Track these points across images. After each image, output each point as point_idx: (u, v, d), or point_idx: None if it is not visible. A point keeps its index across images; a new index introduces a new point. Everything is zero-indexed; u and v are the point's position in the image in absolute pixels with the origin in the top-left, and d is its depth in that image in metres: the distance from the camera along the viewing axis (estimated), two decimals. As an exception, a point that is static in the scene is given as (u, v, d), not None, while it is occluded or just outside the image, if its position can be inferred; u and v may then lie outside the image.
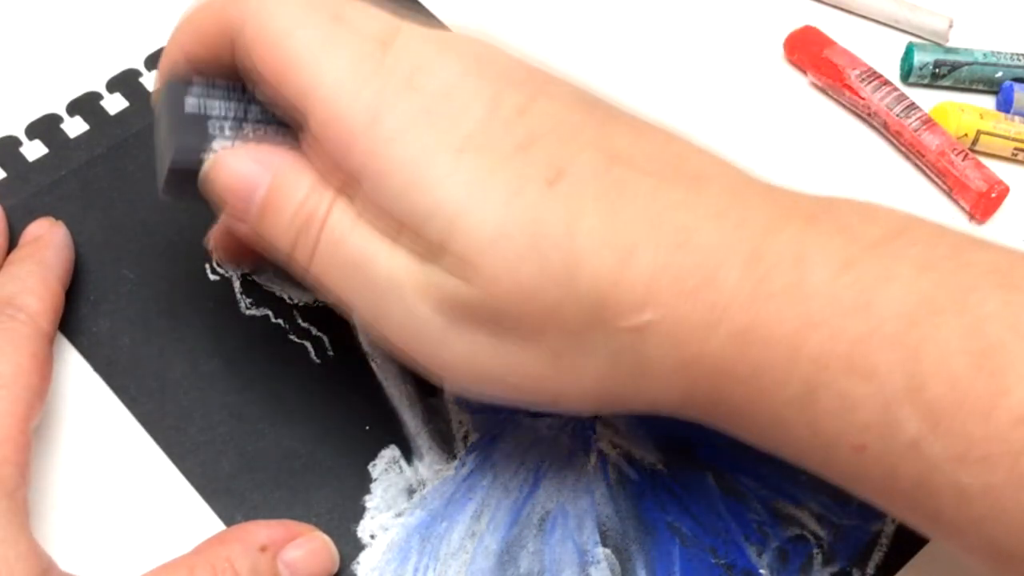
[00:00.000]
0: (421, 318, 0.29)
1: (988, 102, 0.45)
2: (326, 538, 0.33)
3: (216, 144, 0.30)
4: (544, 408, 0.31)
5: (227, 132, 0.31)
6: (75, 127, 0.40)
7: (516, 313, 0.28)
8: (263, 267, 0.38)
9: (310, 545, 0.32)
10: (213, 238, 0.36)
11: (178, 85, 0.31)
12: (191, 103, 0.31)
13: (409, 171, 0.28)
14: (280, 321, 0.37)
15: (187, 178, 0.31)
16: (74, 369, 0.36)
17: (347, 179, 0.29)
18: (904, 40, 0.46)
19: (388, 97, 0.28)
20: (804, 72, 0.45)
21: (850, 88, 0.43)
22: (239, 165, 0.30)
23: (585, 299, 0.28)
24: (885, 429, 0.26)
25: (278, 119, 0.31)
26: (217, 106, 0.31)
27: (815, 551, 0.34)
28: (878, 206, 0.29)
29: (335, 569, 0.33)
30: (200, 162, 0.30)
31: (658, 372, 0.29)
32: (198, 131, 0.31)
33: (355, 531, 0.34)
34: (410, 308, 0.29)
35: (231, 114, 0.31)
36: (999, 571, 0.27)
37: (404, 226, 0.28)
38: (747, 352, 0.27)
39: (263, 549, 0.31)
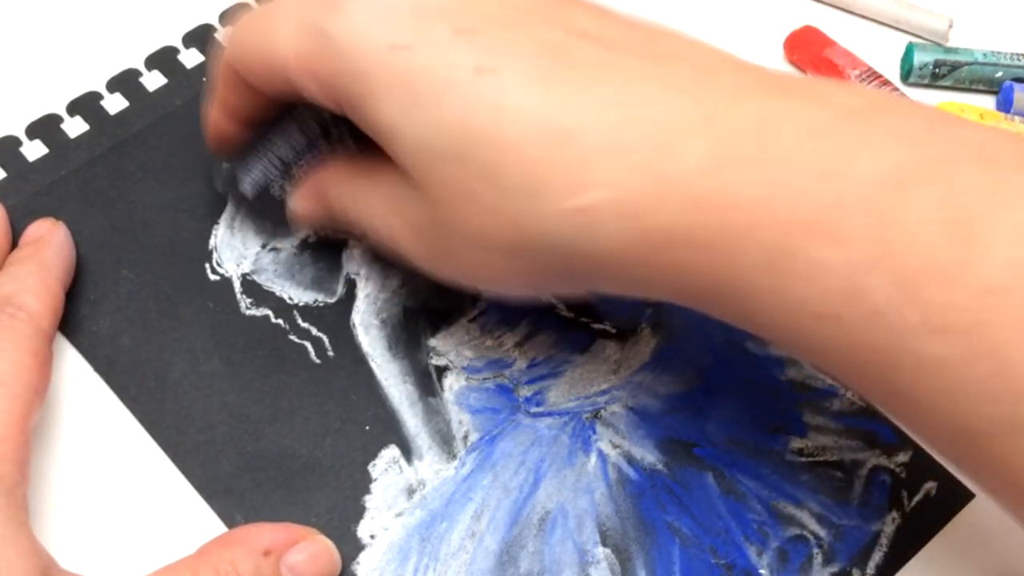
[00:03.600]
0: (386, 228, 0.32)
1: (988, 102, 0.45)
2: (328, 542, 0.33)
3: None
4: (512, 297, 0.33)
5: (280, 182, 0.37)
6: (75, 127, 0.40)
7: (456, 215, 0.29)
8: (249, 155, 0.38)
9: (312, 548, 0.32)
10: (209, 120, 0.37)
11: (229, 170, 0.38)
12: (247, 185, 0.37)
13: (354, 74, 0.29)
14: (280, 321, 0.37)
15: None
16: (74, 369, 0.36)
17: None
18: (904, 40, 0.46)
19: None
20: (804, 72, 0.45)
21: (850, 88, 0.43)
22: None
23: (518, 191, 0.28)
24: (850, 296, 0.25)
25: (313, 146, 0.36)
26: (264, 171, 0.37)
27: (815, 551, 0.34)
28: (859, 85, 0.28)
29: (337, 572, 0.33)
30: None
31: (610, 249, 0.28)
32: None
33: (355, 531, 0.34)
34: (377, 220, 0.33)
35: (277, 171, 0.37)
36: (954, 449, 0.27)
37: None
38: (706, 219, 0.26)
39: (266, 553, 0.31)
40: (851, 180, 0.25)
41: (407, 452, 0.35)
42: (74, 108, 0.41)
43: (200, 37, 0.43)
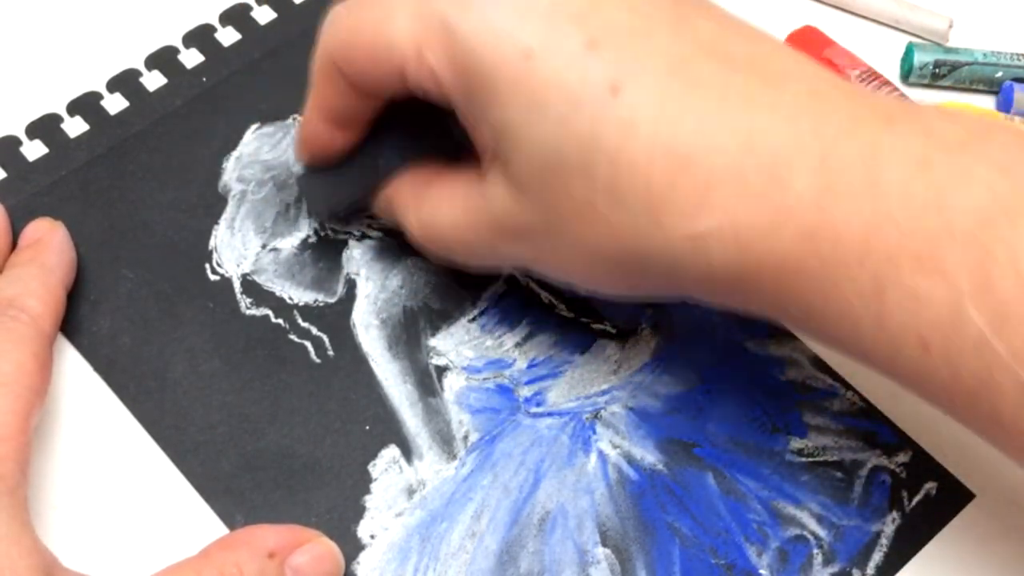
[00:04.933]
0: (474, 237, 0.33)
1: (988, 102, 0.45)
2: (332, 544, 0.33)
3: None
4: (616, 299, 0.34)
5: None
6: (75, 127, 0.40)
7: (569, 228, 0.30)
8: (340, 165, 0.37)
9: (317, 550, 0.32)
10: (302, 130, 0.36)
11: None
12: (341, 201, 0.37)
13: (481, 76, 0.29)
14: (280, 321, 0.37)
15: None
16: (74, 369, 0.36)
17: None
18: (904, 40, 0.46)
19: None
20: (804, 72, 0.45)
21: (850, 88, 0.43)
22: None
23: (639, 210, 0.28)
24: (951, 327, 0.26)
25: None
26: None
27: (815, 551, 0.34)
28: (962, 111, 0.29)
29: (341, 574, 0.33)
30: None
31: (722, 273, 0.29)
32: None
33: (355, 531, 0.34)
34: (463, 227, 0.33)
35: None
36: None
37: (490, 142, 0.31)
38: (816, 248, 0.27)
39: (271, 555, 0.31)
40: (956, 213, 0.26)
41: (407, 452, 0.35)
42: (74, 108, 0.41)
43: (200, 37, 0.43)
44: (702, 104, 0.28)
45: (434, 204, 0.34)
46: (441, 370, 0.37)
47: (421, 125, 0.34)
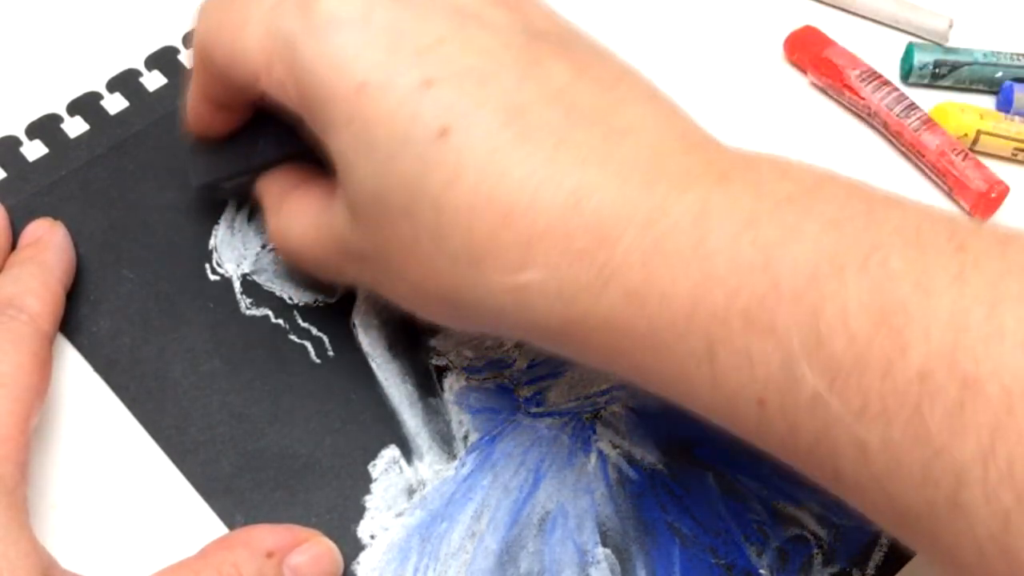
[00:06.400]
0: (321, 254, 0.33)
1: (988, 102, 0.45)
2: (330, 543, 0.33)
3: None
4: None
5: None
6: (75, 127, 0.40)
7: (397, 262, 0.30)
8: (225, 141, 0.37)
9: (315, 550, 0.32)
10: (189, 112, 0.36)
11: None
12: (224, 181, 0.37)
13: (321, 100, 0.29)
14: (280, 321, 0.37)
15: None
16: (74, 369, 0.36)
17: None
18: (904, 40, 0.46)
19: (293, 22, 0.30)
20: (804, 72, 0.45)
21: (850, 88, 0.43)
22: None
23: (461, 258, 0.28)
24: (785, 384, 0.26)
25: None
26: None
27: (815, 551, 0.34)
28: (798, 163, 0.28)
29: (339, 574, 0.33)
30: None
31: (547, 325, 0.29)
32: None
33: (355, 531, 0.34)
34: (311, 242, 0.33)
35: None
36: (900, 530, 0.27)
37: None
38: (642, 310, 0.27)
39: (269, 555, 0.31)
40: (784, 270, 0.26)
41: (407, 452, 0.35)
42: (74, 108, 0.41)
43: (200, 37, 0.43)
44: (532, 156, 0.28)
45: (291, 211, 0.34)
46: (441, 370, 0.37)
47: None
